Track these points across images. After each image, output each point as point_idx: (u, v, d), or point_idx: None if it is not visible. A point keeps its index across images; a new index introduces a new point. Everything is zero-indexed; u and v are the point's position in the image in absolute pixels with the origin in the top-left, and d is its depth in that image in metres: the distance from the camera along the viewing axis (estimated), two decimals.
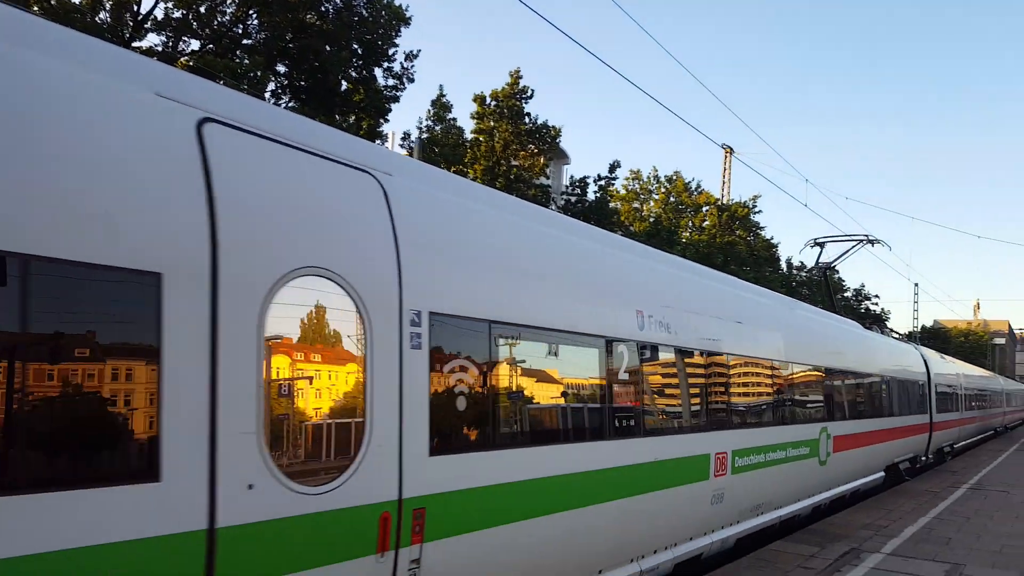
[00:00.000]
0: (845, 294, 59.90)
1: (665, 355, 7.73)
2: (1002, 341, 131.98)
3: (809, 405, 11.38)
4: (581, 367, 6.54)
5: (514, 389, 5.77)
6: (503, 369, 5.65)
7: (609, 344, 6.74)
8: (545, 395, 6.15)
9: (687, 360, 8.06)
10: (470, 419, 5.25)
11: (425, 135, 25.03)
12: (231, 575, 3.65)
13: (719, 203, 41.58)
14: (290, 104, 22.16)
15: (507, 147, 25.75)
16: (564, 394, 6.33)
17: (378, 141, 23.53)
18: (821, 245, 23.38)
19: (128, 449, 3.44)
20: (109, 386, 3.39)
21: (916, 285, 66.83)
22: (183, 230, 3.63)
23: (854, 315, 51.51)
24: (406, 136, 24.99)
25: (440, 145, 24.49)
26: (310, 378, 4.23)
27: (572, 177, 29.12)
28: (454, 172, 24.66)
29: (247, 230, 3.92)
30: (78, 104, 3.44)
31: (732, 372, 9.13)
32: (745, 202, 42.52)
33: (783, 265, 52.63)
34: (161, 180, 3.61)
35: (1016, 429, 50.78)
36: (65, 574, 3.11)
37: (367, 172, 4.83)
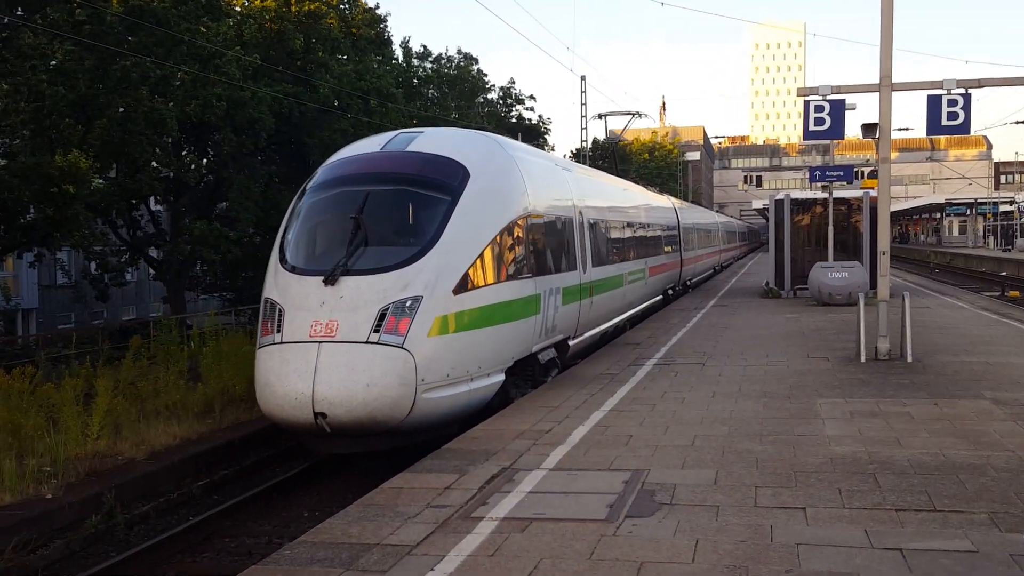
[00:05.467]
0: (488, 95, 47.17)
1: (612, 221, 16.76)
2: (696, 156, 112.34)
3: (640, 250, 19.21)
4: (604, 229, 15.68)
5: (601, 242, 14.98)
6: (617, 234, 16.92)
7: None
8: (607, 244, 15.48)
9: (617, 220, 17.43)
10: (599, 251, 14.47)
11: None
12: (590, 287, 13.19)
13: None
14: None
15: None
16: (615, 243, 16.45)
17: None
18: (603, 116, 32.66)
19: (572, 262, 12.50)
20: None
21: (583, 80, 41.28)
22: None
23: (499, 126, 38.91)
24: None
25: None
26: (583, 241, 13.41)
27: None
28: None
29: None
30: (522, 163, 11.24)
31: (636, 231, 19.03)
32: None
33: (399, 52, 39.90)
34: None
35: (730, 267, 46.61)
36: (569, 288, 12.11)
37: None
